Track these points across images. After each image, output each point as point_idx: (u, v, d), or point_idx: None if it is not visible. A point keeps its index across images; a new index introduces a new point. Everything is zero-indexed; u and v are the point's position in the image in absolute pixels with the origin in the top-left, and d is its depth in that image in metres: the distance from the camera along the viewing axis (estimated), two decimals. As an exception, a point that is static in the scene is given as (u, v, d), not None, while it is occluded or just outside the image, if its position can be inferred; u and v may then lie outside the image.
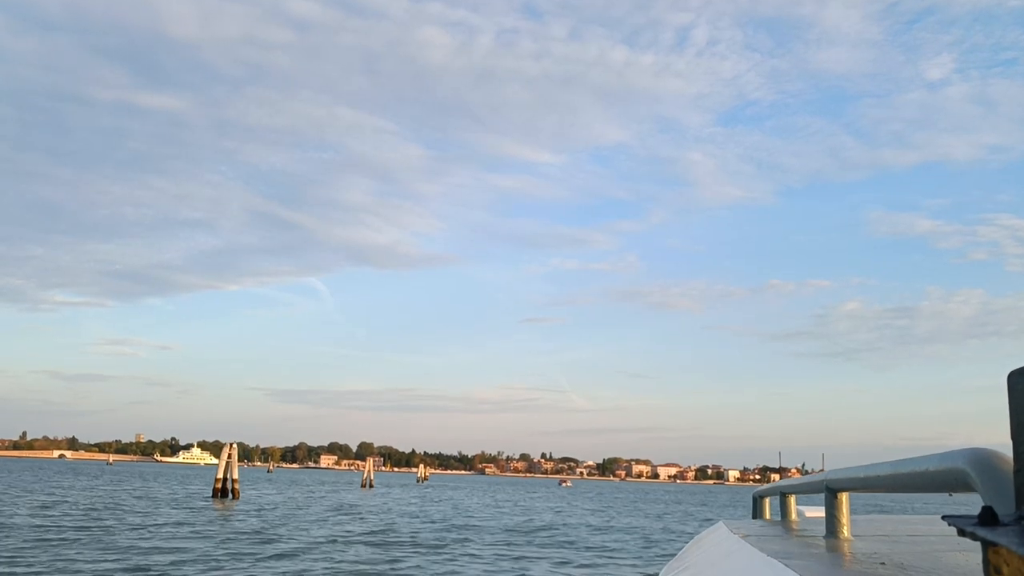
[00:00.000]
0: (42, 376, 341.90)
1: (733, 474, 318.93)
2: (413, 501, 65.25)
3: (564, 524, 42.46)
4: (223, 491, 54.18)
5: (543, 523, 42.48)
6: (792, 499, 4.32)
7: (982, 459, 1.54)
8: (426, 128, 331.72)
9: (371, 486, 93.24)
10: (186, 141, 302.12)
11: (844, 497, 3.08)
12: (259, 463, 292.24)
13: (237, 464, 55.32)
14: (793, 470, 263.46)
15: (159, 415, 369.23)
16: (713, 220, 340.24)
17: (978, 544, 1.22)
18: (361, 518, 40.74)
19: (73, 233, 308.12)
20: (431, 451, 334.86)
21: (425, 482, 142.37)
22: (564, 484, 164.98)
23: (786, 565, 2.27)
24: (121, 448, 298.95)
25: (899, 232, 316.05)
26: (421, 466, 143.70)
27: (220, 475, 54.38)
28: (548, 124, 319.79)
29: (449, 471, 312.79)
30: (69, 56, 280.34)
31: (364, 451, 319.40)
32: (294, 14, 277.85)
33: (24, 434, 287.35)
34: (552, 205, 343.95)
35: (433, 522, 39.69)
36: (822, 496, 3.18)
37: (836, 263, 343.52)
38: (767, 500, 5.07)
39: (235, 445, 54.68)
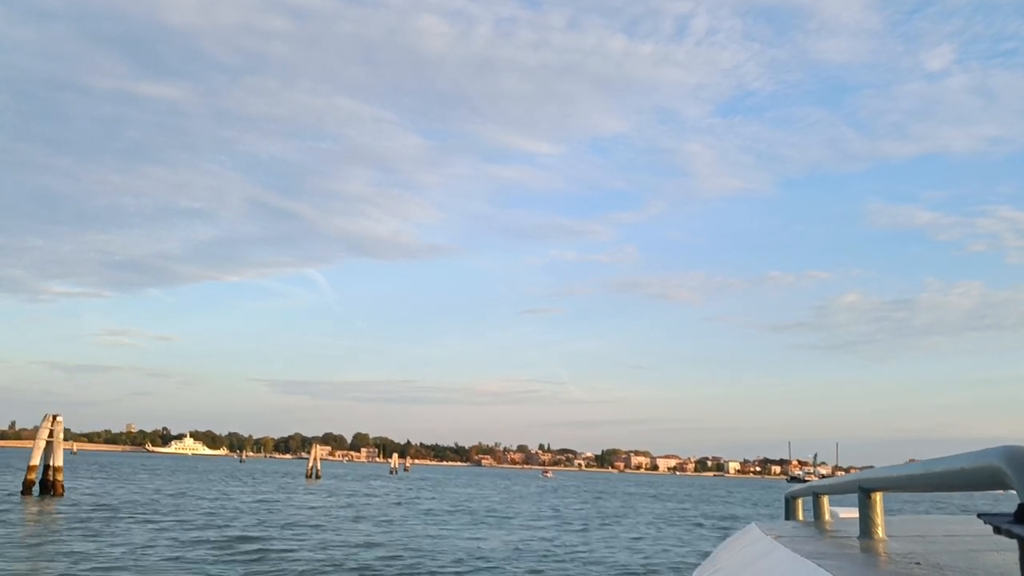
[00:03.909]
0: (41, 367, 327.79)
1: (733, 466, 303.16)
2: (329, 501, 48.46)
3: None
4: (43, 485, 37.59)
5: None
6: (825, 500, 4.13)
7: (1017, 456, 1.47)
8: (425, 118, 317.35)
9: (318, 477, 76.92)
10: (185, 130, 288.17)
11: (878, 497, 2.94)
12: (251, 453, 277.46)
13: (62, 446, 38.53)
14: (794, 462, 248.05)
15: (159, 406, 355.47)
16: (712, 211, 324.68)
17: (1015, 543, 1.17)
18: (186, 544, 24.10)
19: (72, 223, 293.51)
20: (428, 442, 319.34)
21: (405, 473, 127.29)
22: (546, 475, 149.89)
23: (820, 566, 2.18)
24: (111, 438, 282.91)
25: (898, 224, 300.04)
26: (395, 456, 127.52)
27: (35, 462, 37.60)
28: (547, 114, 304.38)
29: (445, 462, 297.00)
30: (67, 45, 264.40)
31: (359, 442, 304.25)
32: (292, 2, 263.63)
33: (13, 423, 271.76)
34: (551, 196, 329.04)
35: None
36: (855, 497, 3.08)
37: (835, 255, 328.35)
38: (800, 501, 4.78)
39: (60, 420, 37.99)
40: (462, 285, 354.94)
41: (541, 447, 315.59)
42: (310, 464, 78.13)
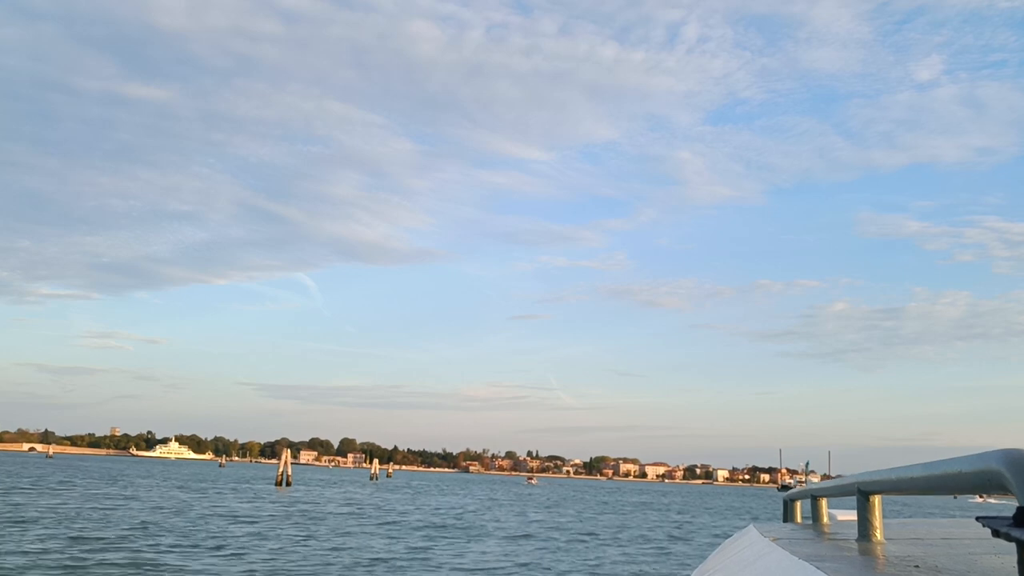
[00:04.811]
0: (28, 369, 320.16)
1: (722, 474, 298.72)
2: (287, 510, 43.96)
3: None
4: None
5: None
6: (823, 502, 4.11)
7: (1017, 460, 1.46)
8: (416, 123, 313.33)
9: (288, 484, 72.27)
10: (174, 133, 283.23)
11: (876, 500, 2.91)
12: (237, 458, 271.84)
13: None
14: (783, 470, 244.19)
15: (144, 409, 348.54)
16: (702, 219, 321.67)
17: (1013, 546, 1.17)
18: None
19: (60, 225, 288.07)
20: (416, 448, 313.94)
21: (387, 479, 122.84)
22: (531, 482, 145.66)
23: (818, 568, 2.19)
24: (94, 442, 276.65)
25: (887, 233, 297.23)
26: (375, 461, 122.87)
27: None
28: (538, 121, 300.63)
29: (432, 468, 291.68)
30: (56, 45, 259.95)
31: (346, 447, 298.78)
32: (283, 5, 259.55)
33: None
34: (541, 202, 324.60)
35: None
36: (854, 500, 3.05)
37: (824, 263, 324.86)
38: (798, 503, 4.78)
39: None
40: (452, 290, 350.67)
41: (529, 454, 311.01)
42: (280, 470, 73.54)
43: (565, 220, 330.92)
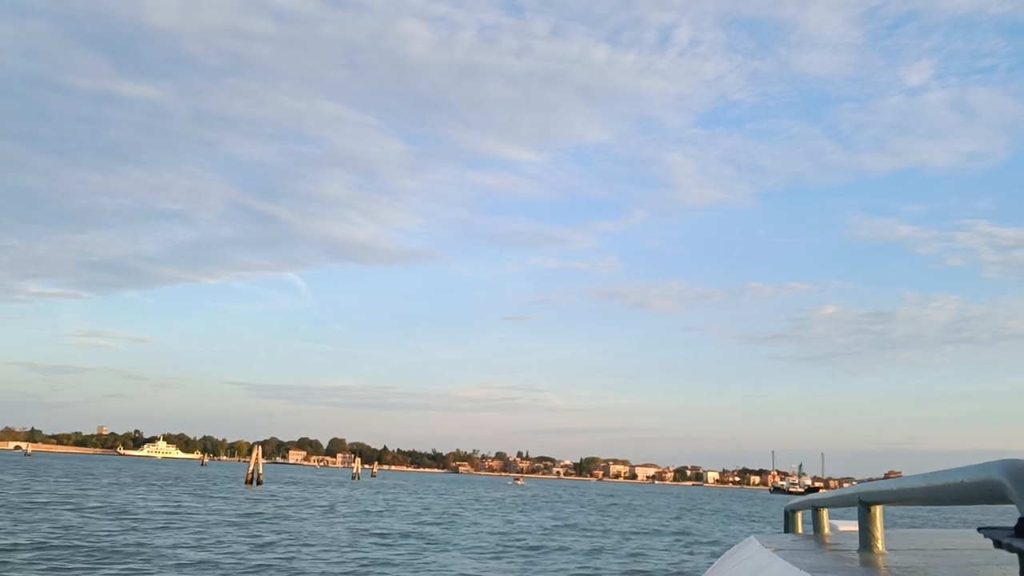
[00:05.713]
0: (16, 367, 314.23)
1: (712, 475, 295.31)
2: (239, 507, 39.76)
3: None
4: None
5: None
6: (825, 513, 3.99)
7: (1018, 470, 1.44)
8: (407, 123, 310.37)
9: (259, 483, 68.08)
10: (165, 131, 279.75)
11: (878, 510, 2.85)
12: (225, 457, 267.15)
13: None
14: (774, 472, 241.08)
15: (133, 408, 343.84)
16: (693, 221, 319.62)
17: (1015, 557, 1.17)
18: None
19: (50, 223, 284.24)
20: (405, 448, 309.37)
21: (372, 479, 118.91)
22: (517, 482, 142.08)
23: None
24: (81, 440, 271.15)
25: (878, 237, 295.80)
26: (358, 461, 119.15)
27: None
28: (529, 122, 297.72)
29: (422, 469, 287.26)
30: (48, 43, 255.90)
31: (335, 447, 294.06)
32: (275, 5, 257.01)
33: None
34: (532, 203, 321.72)
35: None
36: (855, 510, 2.99)
37: (815, 267, 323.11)
38: (799, 514, 4.60)
39: None
40: (442, 291, 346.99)
41: (519, 455, 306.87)
42: (250, 468, 69.35)
43: (556, 221, 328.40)
